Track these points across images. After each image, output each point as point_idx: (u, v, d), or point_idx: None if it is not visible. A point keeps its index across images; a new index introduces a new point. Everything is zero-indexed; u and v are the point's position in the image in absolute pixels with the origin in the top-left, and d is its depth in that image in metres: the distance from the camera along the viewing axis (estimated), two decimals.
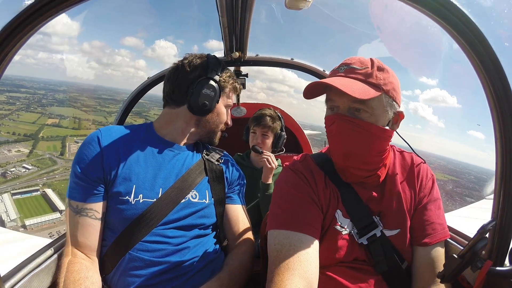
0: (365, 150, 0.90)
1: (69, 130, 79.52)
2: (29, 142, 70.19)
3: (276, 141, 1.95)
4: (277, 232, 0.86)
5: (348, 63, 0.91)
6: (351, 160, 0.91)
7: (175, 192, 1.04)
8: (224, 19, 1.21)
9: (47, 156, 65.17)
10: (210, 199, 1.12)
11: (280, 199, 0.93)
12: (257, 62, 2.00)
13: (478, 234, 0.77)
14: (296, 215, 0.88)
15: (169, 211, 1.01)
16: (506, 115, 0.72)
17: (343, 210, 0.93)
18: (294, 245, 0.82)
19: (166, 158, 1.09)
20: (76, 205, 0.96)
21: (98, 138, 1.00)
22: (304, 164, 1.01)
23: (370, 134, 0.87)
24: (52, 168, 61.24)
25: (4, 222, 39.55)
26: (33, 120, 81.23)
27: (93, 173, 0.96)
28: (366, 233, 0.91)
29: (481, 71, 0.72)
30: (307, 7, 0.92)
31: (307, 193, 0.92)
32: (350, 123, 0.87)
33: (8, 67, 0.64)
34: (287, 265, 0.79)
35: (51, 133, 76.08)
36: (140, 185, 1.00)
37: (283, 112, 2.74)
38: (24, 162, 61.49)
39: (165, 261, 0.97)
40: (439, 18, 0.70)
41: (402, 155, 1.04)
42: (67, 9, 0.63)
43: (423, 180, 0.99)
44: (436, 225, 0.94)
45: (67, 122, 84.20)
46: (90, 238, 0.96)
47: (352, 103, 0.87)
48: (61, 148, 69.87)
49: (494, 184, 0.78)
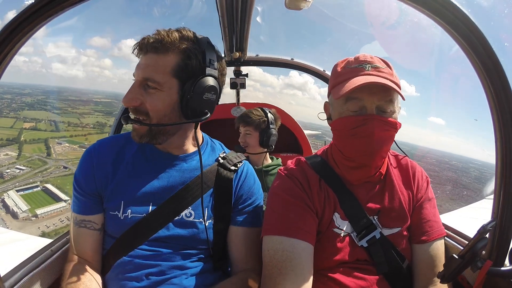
0: (388, 147, 0.92)
1: (49, 133, 79.99)
2: (14, 146, 71.27)
3: (262, 139, 1.88)
4: (271, 237, 0.87)
5: (369, 61, 0.89)
6: (373, 157, 0.90)
7: (168, 208, 0.95)
8: (224, 19, 1.21)
9: (35, 157, 66.26)
10: (209, 218, 0.99)
11: (274, 205, 0.93)
12: (257, 62, 2.00)
13: (478, 234, 0.77)
14: (289, 221, 0.88)
15: (159, 229, 0.93)
16: (506, 115, 0.72)
17: (341, 212, 0.93)
18: (287, 250, 0.83)
19: (161, 170, 0.98)
20: (75, 217, 0.97)
21: (91, 153, 0.99)
22: (298, 168, 1.00)
23: (395, 132, 0.89)
24: (44, 167, 62.42)
25: (16, 213, 42.94)
26: (10, 124, 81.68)
27: (87, 188, 0.96)
28: (365, 236, 0.91)
29: (481, 71, 0.72)
30: (307, 7, 0.92)
31: (300, 198, 0.92)
32: (384, 123, 0.86)
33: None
34: (279, 270, 0.81)
35: (31, 136, 76.69)
36: (129, 200, 0.94)
37: (283, 111, 2.74)
38: (16, 164, 62.73)
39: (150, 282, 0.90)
40: (439, 18, 0.70)
41: (397, 158, 1.06)
42: (67, 9, 0.63)
43: (419, 182, 1.01)
44: (432, 222, 0.96)
45: (43, 125, 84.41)
46: (89, 247, 0.97)
47: (382, 102, 0.86)
48: (46, 149, 70.49)
49: (494, 184, 0.79)
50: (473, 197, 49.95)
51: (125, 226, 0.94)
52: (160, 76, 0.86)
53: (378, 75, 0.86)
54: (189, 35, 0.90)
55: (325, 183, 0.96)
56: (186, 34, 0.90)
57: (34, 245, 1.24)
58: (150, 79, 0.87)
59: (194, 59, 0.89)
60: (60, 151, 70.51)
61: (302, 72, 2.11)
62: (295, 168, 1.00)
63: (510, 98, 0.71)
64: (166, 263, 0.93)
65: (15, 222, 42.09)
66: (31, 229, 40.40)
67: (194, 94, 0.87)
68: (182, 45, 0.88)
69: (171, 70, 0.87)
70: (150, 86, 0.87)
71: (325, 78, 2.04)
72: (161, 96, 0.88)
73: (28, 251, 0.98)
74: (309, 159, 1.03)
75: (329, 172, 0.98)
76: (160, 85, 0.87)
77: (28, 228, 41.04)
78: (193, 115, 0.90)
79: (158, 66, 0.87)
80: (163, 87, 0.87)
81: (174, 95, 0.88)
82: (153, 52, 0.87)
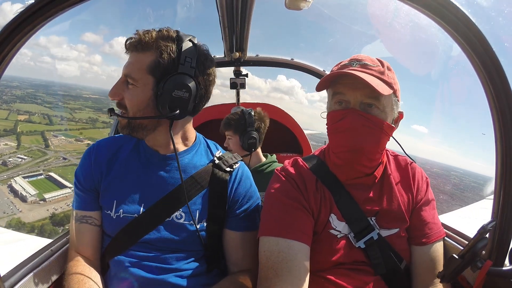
0: (373, 147, 0.88)
1: (43, 126, 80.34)
2: (12, 137, 72.00)
3: (242, 141, 1.83)
4: (267, 238, 0.87)
5: (359, 59, 0.89)
6: (358, 156, 0.89)
7: (158, 209, 0.95)
8: (224, 19, 1.21)
9: (34, 148, 67.35)
10: (202, 220, 0.98)
11: (270, 206, 0.93)
12: (257, 62, 2.00)
13: (478, 234, 0.77)
14: (285, 222, 0.87)
15: (150, 230, 0.94)
16: (506, 115, 0.72)
17: (338, 213, 0.93)
18: (283, 251, 0.82)
19: (151, 169, 0.99)
20: (76, 213, 0.98)
21: (91, 151, 1.02)
22: (295, 169, 0.99)
23: (381, 131, 0.87)
24: (45, 157, 63.58)
25: (25, 197, 46.03)
26: (4, 116, 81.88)
27: (86, 184, 0.98)
28: (362, 237, 0.91)
29: (481, 71, 0.72)
30: (308, 7, 0.92)
31: (297, 199, 0.91)
32: (364, 118, 0.85)
33: None
34: (275, 271, 0.80)
35: (27, 128, 77.13)
36: (121, 199, 0.96)
37: (282, 111, 2.73)
38: (17, 154, 63.81)
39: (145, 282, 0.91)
40: (439, 18, 0.70)
41: (397, 158, 1.05)
42: (67, 9, 0.63)
43: (419, 183, 1.00)
44: (432, 224, 0.95)
45: (37, 118, 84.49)
46: (90, 244, 0.98)
47: (366, 98, 0.85)
48: (44, 141, 71.18)
49: (494, 184, 0.78)
50: (449, 201, 54.13)
51: (117, 225, 0.95)
52: (136, 73, 0.90)
53: (362, 71, 0.85)
54: (167, 34, 0.92)
55: (321, 184, 0.95)
56: (165, 33, 0.92)
57: (34, 245, 1.24)
58: (128, 76, 0.91)
59: (167, 57, 0.90)
60: (57, 143, 71.66)
61: (303, 72, 2.10)
62: (291, 169, 0.99)
63: (510, 98, 0.71)
64: (159, 264, 0.93)
65: (24, 205, 45.06)
66: (40, 211, 44.19)
67: (163, 91, 0.89)
68: (157, 43, 0.90)
69: (147, 67, 0.90)
70: (129, 82, 0.92)
71: None
72: (136, 91, 0.91)
73: (28, 250, 0.99)
74: (306, 160, 1.02)
75: (326, 172, 0.97)
76: (136, 81, 0.90)
77: (37, 210, 44.50)
78: (164, 112, 0.90)
79: (136, 63, 0.91)
80: (139, 83, 0.90)
81: (149, 91, 0.91)
82: (134, 51, 0.92)
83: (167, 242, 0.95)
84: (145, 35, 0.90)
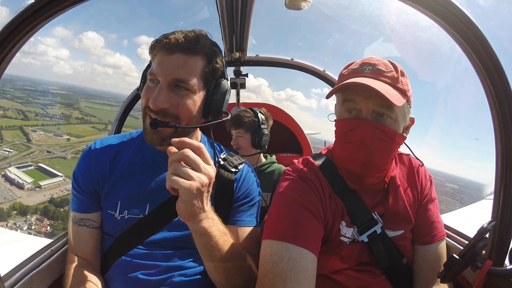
0: (385, 159, 0.85)
1: (20, 121, 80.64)
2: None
3: (254, 140, 1.86)
4: (276, 242, 0.79)
5: (372, 63, 0.84)
6: (369, 169, 0.85)
7: (165, 210, 0.93)
8: (224, 19, 1.21)
9: (17, 142, 68.53)
10: None
11: (282, 207, 0.85)
12: (257, 62, 1.99)
13: (478, 234, 0.77)
14: (299, 227, 0.80)
15: (157, 231, 0.93)
16: (506, 115, 0.72)
17: (348, 220, 0.90)
18: (294, 259, 0.75)
19: (160, 170, 0.97)
20: (74, 216, 0.98)
21: (91, 151, 1.00)
22: (309, 170, 0.93)
23: (393, 142, 0.83)
24: (30, 151, 65.04)
25: (22, 184, 49.44)
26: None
27: (84, 186, 0.97)
28: (366, 230, 0.89)
29: (481, 71, 0.72)
30: (308, 7, 0.92)
31: (314, 204, 0.85)
32: (378, 130, 0.80)
33: None
34: (284, 280, 0.73)
35: (5, 123, 77.37)
36: (126, 200, 0.94)
37: (282, 111, 2.74)
38: (3, 147, 65.17)
39: (150, 282, 0.90)
40: (439, 18, 0.70)
41: (401, 157, 1.03)
42: (67, 9, 0.63)
43: (423, 181, 0.99)
44: (436, 224, 0.95)
45: (12, 113, 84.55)
46: (89, 246, 0.97)
47: (378, 108, 0.80)
48: (24, 136, 71.85)
49: (494, 184, 0.79)
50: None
51: (122, 226, 0.94)
52: (192, 78, 0.86)
53: (376, 78, 0.81)
54: (209, 38, 0.92)
55: (333, 190, 0.91)
56: (207, 36, 0.92)
57: (34, 245, 1.24)
58: (183, 81, 0.85)
59: (217, 62, 0.90)
60: (37, 138, 72.73)
61: (303, 72, 2.10)
62: (306, 170, 0.93)
63: (510, 98, 0.71)
64: (165, 263, 0.93)
65: (21, 192, 48.46)
66: (38, 196, 47.62)
67: (219, 95, 0.89)
68: (207, 47, 0.89)
69: (200, 72, 0.88)
70: (182, 87, 0.86)
71: (325, 78, 2.03)
72: (192, 98, 0.87)
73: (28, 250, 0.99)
74: (316, 160, 0.97)
75: (336, 176, 0.93)
76: (192, 87, 0.86)
77: (35, 195, 47.95)
78: (215, 116, 0.92)
79: (189, 67, 0.86)
80: (195, 89, 0.87)
81: (202, 97, 0.90)
82: (182, 53, 0.85)
83: (172, 241, 0.95)
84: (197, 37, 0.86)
